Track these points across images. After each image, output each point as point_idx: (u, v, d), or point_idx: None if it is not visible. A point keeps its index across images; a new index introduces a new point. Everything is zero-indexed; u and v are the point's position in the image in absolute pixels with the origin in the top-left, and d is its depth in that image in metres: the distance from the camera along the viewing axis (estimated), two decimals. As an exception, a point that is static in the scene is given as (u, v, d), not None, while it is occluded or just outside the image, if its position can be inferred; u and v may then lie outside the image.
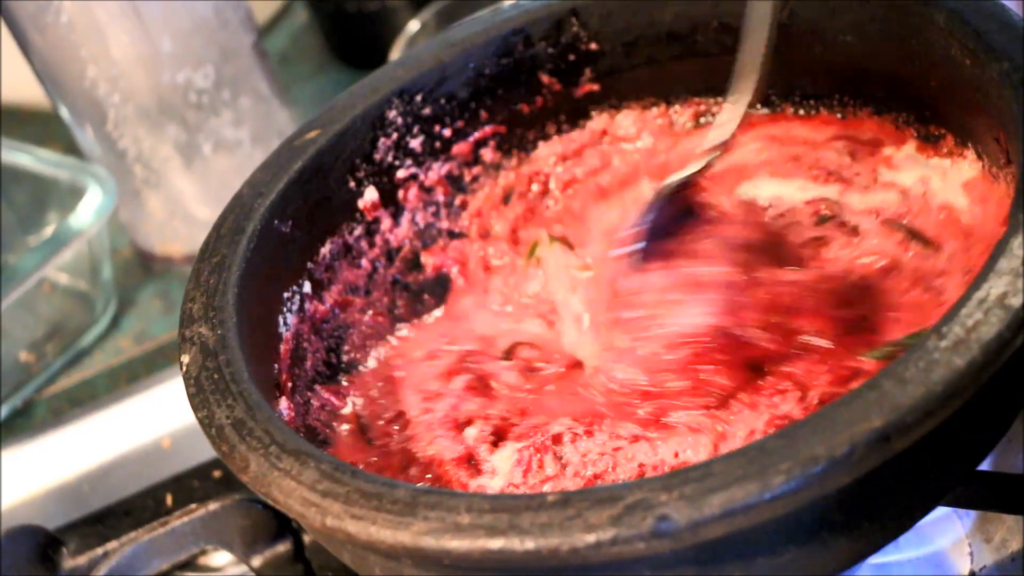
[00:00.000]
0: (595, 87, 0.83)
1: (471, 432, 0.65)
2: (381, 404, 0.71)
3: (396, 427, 0.69)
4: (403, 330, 0.78)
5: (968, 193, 0.67)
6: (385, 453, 0.67)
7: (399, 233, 0.81)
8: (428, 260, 0.82)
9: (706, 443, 0.60)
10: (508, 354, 0.73)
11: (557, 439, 0.62)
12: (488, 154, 0.84)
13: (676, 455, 0.60)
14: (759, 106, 0.80)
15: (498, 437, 0.65)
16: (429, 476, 0.64)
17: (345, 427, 0.71)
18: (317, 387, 0.72)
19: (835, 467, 0.47)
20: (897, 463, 0.49)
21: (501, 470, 0.63)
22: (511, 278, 0.79)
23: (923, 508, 0.56)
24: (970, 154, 0.68)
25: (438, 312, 0.80)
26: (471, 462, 0.64)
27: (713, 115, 0.83)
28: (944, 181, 0.70)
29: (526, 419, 0.66)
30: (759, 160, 0.78)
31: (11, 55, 1.09)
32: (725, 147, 0.70)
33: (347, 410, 0.72)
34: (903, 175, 0.72)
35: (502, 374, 0.70)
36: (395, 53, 1.09)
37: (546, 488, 0.61)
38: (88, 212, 1.03)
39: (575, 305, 0.75)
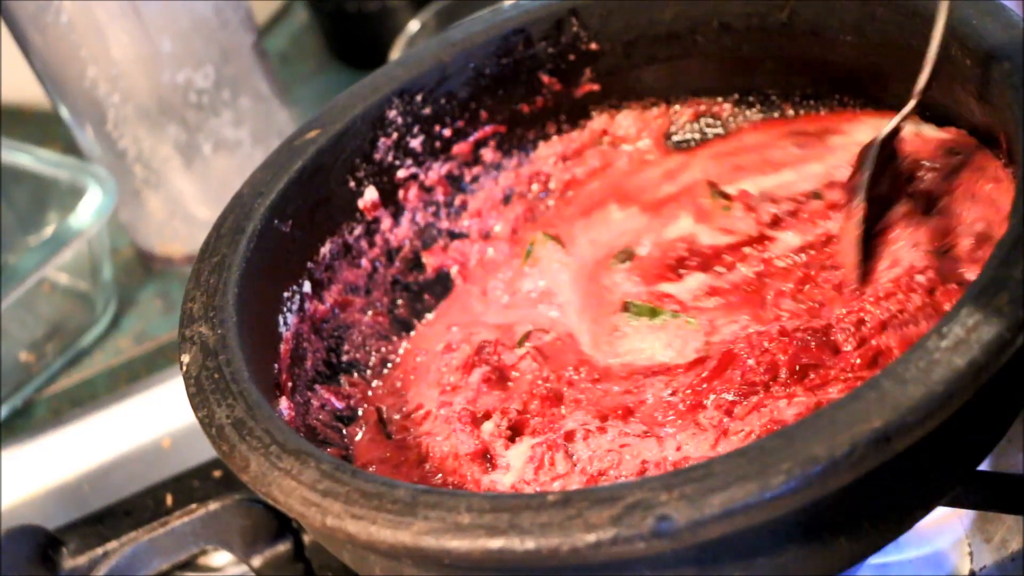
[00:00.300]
0: (595, 87, 0.83)
1: (488, 427, 0.65)
2: (402, 398, 0.72)
3: (414, 421, 0.69)
4: (416, 327, 0.79)
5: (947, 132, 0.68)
6: (402, 447, 0.67)
7: (399, 233, 0.81)
8: (428, 260, 0.82)
9: (709, 437, 0.60)
10: (523, 341, 0.73)
11: (570, 436, 0.62)
12: (488, 154, 0.84)
13: (679, 448, 0.60)
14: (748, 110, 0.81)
15: (515, 432, 0.65)
16: (442, 471, 0.64)
17: (363, 424, 0.71)
18: (317, 387, 0.72)
19: (835, 467, 0.47)
20: (897, 463, 0.49)
21: (515, 466, 0.63)
22: (508, 272, 0.80)
23: (923, 508, 0.56)
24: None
25: (445, 305, 0.80)
26: (486, 457, 0.64)
27: (713, 115, 0.83)
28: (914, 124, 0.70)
29: (544, 413, 0.66)
30: (704, 179, 0.79)
31: (11, 55, 1.09)
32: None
33: (366, 405, 0.72)
34: (857, 134, 0.73)
35: (519, 363, 0.70)
36: (395, 53, 1.09)
37: (556, 486, 0.61)
38: (88, 212, 1.03)
39: (571, 296, 0.76)
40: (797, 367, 0.61)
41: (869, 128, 0.73)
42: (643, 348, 0.69)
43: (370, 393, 0.74)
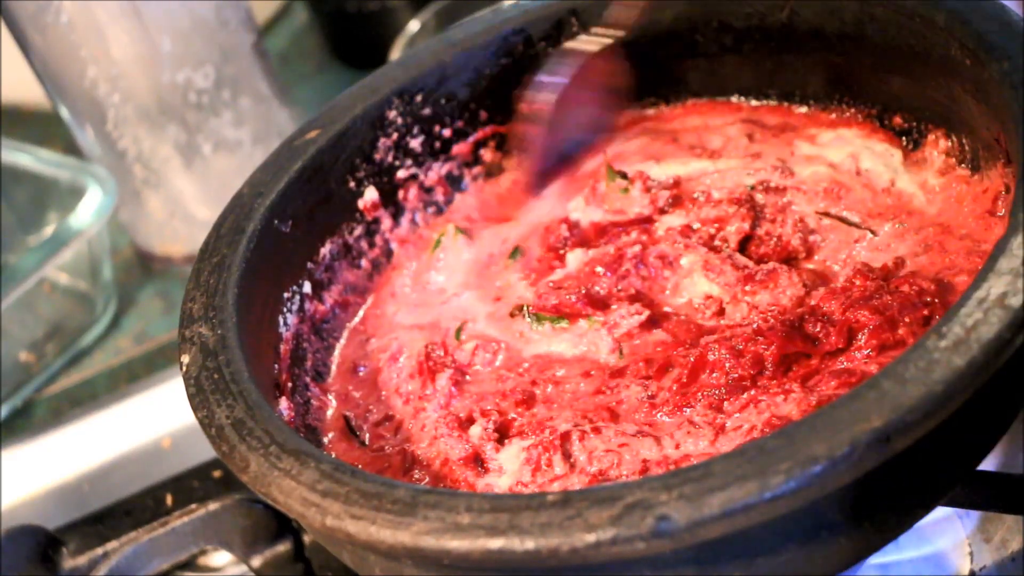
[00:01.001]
0: (595, 87, 0.83)
1: (475, 431, 0.65)
2: (365, 406, 0.71)
3: (388, 429, 0.69)
4: (344, 332, 0.77)
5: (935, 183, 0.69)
6: (381, 455, 0.66)
7: (399, 233, 0.81)
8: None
9: (707, 434, 0.60)
10: (459, 334, 0.73)
11: (566, 437, 0.62)
12: (488, 154, 0.84)
13: (677, 446, 0.60)
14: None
15: (502, 434, 0.65)
16: (433, 477, 0.64)
17: (332, 432, 0.70)
18: (316, 387, 0.72)
19: (835, 467, 0.47)
20: (897, 463, 0.49)
21: (509, 469, 0.63)
22: (413, 268, 0.80)
23: (923, 508, 0.56)
24: (954, 147, 0.69)
25: (366, 308, 0.79)
26: (477, 461, 0.64)
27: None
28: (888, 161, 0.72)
29: (522, 414, 0.65)
30: (633, 148, 0.80)
31: (11, 55, 1.09)
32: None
33: (331, 412, 0.72)
34: (830, 149, 0.74)
35: (473, 358, 0.70)
36: (395, 53, 1.09)
37: (555, 487, 0.61)
38: (88, 212, 1.03)
39: (474, 293, 0.76)
40: (783, 358, 0.62)
41: (843, 142, 0.74)
42: (551, 350, 0.70)
43: (333, 399, 0.73)
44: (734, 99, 0.81)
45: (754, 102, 0.80)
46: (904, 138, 0.73)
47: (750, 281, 0.67)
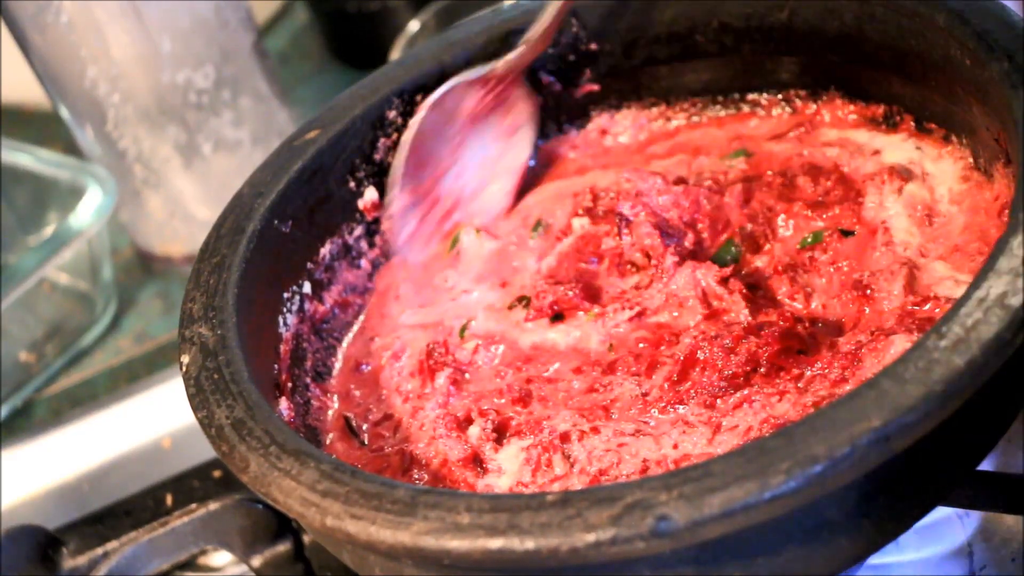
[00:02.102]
0: (595, 87, 0.83)
1: (474, 431, 0.64)
2: (366, 405, 0.71)
3: (387, 428, 0.69)
4: (352, 330, 0.77)
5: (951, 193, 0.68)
6: (381, 455, 0.66)
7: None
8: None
9: (704, 433, 0.60)
10: (463, 332, 0.73)
11: (565, 437, 0.62)
12: (488, 154, 0.84)
13: (676, 446, 0.60)
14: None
15: (499, 433, 0.65)
16: (433, 477, 0.64)
17: (333, 432, 0.70)
18: (315, 387, 0.72)
19: (835, 467, 0.47)
20: (897, 463, 0.49)
21: (508, 469, 0.63)
22: (420, 271, 0.80)
23: (923, 508, 0.56)
24: (964, 152, 0.69)
25: (370, 307, 0.79)
26: (477, 461, 0.64)
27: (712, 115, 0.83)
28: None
29: (519, 412, 0.65)
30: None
31: (11, 55, 1.09)
32: (532, 44, 0.77)
33: (332, 412, 0.72)
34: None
35: (474, 357, 0.70)
36: (395, 53, 1.09)
37: (556, 487, 0.61)
38: (88, 212, 1.03)
39: (485, 283, 0.76)
40: (778, 359, 0.62)
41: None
42: (545, 339, 0.70)
43: (335, 399, 0.73)
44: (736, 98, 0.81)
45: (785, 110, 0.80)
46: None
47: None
